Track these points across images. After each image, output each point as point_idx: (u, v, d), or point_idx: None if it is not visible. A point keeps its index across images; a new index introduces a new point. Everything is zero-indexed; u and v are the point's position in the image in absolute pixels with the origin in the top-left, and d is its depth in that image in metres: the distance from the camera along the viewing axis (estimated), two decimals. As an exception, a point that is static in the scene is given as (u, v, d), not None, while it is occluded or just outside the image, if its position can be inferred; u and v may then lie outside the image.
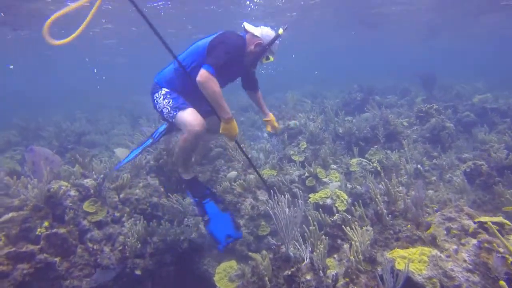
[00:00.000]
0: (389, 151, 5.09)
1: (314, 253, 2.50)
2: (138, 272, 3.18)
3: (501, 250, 2.26)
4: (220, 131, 2.91)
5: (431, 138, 5.50)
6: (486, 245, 2.25)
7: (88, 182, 4.04)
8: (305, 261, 2.47)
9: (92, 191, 3.73)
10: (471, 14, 15.09)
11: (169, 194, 4.44)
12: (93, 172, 4.25)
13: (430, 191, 4.25)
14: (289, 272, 2.35)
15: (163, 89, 3.23)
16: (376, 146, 5.56)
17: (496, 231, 2.20)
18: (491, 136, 5.81)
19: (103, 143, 8.53)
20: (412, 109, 8.33)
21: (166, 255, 3.72)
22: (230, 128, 2.88)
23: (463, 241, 2.48)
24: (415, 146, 5.16)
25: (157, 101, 3.20)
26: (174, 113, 2.99)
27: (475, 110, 7.89)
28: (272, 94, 14.03)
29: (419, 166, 4.46)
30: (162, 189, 4.69)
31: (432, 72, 11.39)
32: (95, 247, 3.12)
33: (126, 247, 3.24)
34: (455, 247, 2.55)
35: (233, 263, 3.76)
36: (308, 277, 2.28)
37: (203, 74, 2.72)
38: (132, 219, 3.84)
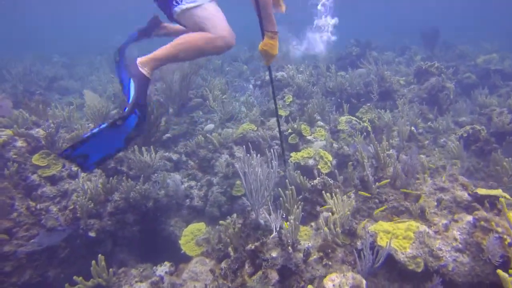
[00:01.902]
0: (382, 110, 4.65)
1: (285, 223, 2.16)
2: (92, 234, 2.85)
3: (499, 229, 1.95)
4: (261, 47, 2.22)
5: (428, 99, 5.05)
6: (482, 223, 1.93)
7: (39, 131, 3.54)
8: (273, 234, 2.13)
9: (43, 142, 3.24)
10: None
11: (136, 146, 3.99)
12: (50, 122, 3.73)
13: (422, 156, 3.90)
14: (252, 247, 2.02)
15: None
16: (368, 104, 5.10)
17: (505, 208, 1.85)
18: (491, 99, 5.38)
19: (78, 89, 7.81)
20: (410, 67, 7.76)
21: (128, 214, 3.38)
22: (274, 45, 2.21)
23: (456, 217, 2.15)
24: (411, 106, 4.72)
25: None
26: (198, 3, 2.02)
27: (477, 71, 7.38)
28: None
29: (412, 128, 4.06)
30: (129, 142, 4.23)
31: (435, 28, 10.54)
32: (38, 206, 2.72)
33: (77, 206, 2.86)
34: (445, 221, 2.24)
35: (201, 225, 3.46)
36: (274, 254, 1.95)
37: None
38: (90, 174, 3.42)
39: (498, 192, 2.30)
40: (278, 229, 2.21)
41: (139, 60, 2.01)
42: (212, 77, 6.14)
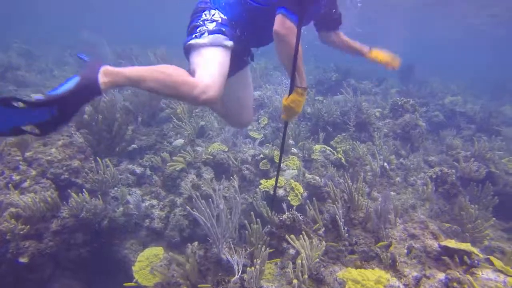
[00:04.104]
0: (357, 142, 4.64)
1: (248, 269, 1.96)
2: (23, 259, 2.46)
3: (470, 291, 1.88)
4: (287, 102, 1.92)
5: (401, 135, 5.16)
6: (455, 285, 1.85)
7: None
8: (235, 277, 1.93)
9: (-21, 143, 2.84)
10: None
11: (97, 158, 3.65)
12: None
13: (392, 193, 3.91)
14: (212, 293, 1.80)
15: (217, 11, 2.07)
16: (344, 134, 5.11)
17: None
18: (457, 141, 5.62)
19: (38, 83, 7.21)
20: (386, 99, 7.99)
21: (78, 233, 3.03)
22: (301, 102, 1.94)
23: (427, 272, 2.08)
24: (386, 141, 4.77)
25: (201, 22, 1.98)
26: (205, 41, 1.86)
27: (444, 111, 7.74)
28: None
29: (385, 164, 4.07)
30: (89, 150, 3.87)
31: (411, 65, 11.09)
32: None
33: (2, 226, 2.47)
34: (415, 273, 2.16)
35: (159, 250, 3.17)
36: (234, 305, 1.75)
37: (285, 24, 1.82)
38: (37, 185, 3.04)
39: (466, 246, 2.27)
40: (240, 272, 2.01)
41: (104, 68, 1.63)
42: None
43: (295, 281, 1.91)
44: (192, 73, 1.77)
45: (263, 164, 3.74)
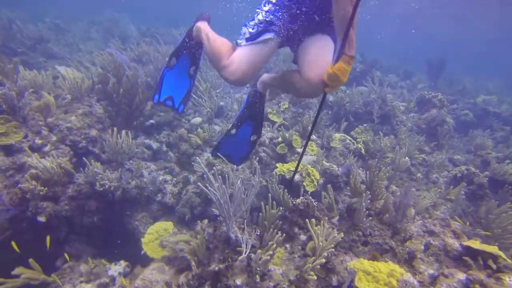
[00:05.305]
0: (380, 133, 4.45)
1: (258, 250, 1.91)
2: (41, 218, 2.52)
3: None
4: (333, 70, 1.77)
5: (426, 130, 4.90)
6: (477, 287, 1.72)
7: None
8: (242, 256, 1.88)
9: (3, 106, 2.89)
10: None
11: (115, 128, 3.68)
12: (18, 83, 3.36)
13: (412, 189, 3.73)
14: (216, 268, 1.76)
15: None
16: (365, 125, 4.92)
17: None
18: (488, 141, 5.28)
19: (64, 56, 7.34)
20: (412, 94, 7.63)
21: (91, 201, 3.08)
22: (347, 71, 1.80)
23: (446, 270, 1.95)
24: (410, 135, 4.54)
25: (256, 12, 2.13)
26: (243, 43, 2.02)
27: (476, 110, 7.31)
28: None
29: (407, 159, 3.88)
30: (108, 122, 3.91)
31: (442, 59, 10.48)
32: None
33: (23, 185, 2.53)
34: (431, 271, 2.04)
35: (169, 224, 3.18)
36: (239, 282, 1.70)
37: None
38: (57, 150, 3.09)
39: (493, 249, 2.10)
40: (248, 251, 1.96)
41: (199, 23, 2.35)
42: (210, 68, 5.83)
43: (308, 265, 1.84)
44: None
45: (281, 148, 3.64)
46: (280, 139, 3.73)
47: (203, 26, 2.32)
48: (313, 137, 4.14)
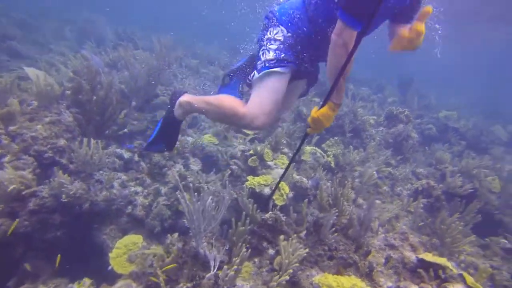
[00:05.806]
0: (351, 147, 4.64)
1: (225, 266, 1.95)
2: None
3: (441, 305, 1.90)
4: (316, 114, 1.82)
5: (393, 144, 5.18)
6: (427, 298, 1.86)
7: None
8: (210, 274, 1.91)
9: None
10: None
11: (85, 138, 3.58)
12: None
13: (378, 201, 3.92)
14: (184, 287, 1.78)
15: (281, 27, 2.10)
16: (336, 138, 5.11)
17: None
18: (446, 155, 5.66)
19: (32, 55, 7.01)
20: (382, 107, 8.02)
21: (56, 214, 2.97)
22: (330, 117, 1.87)
23: (401, 284, 2.09)
24: (379, 150, 4.78)
25: (265, 41, 2.10)
26: (265, 70, 1.98)
27: (438, 125, 7.80)
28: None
29: (374, 172, 4.08)
30: (78, 130, 3.79)
31: (411, 77, 11.17)
32: None
33: None
34: (390, 284, 2.18)
35: (139, 238, 3.13)
36: (206, 301, 1.73)
37: (345, 32, 1.68)
38: (18, 161, 2.97)
39: (442, 261, 2.29)
40: (216, 268, 1.99)
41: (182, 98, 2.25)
42: (185, 76, 5.82)
43: (273, 283, 1.90)
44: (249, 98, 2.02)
45: (252, 160, 3.71)
46: (251, 151, 3.80)
47: (189, 98, 2.21)
48: (285, 149, 4.25)
